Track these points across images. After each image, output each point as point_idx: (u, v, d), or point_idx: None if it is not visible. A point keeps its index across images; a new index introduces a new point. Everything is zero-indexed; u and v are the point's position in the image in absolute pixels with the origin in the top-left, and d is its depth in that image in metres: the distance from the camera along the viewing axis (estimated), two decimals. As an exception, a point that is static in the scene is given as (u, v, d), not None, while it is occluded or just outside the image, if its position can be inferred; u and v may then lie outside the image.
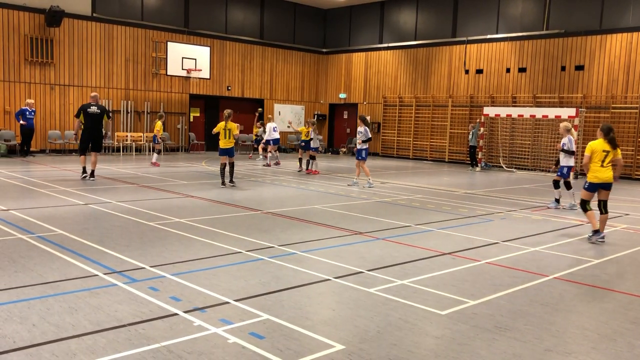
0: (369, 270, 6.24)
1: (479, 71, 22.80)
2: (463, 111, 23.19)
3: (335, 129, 28.84)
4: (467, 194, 13.42)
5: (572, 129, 11.81)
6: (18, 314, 4.59)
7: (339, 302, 5.26)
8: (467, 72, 23.18)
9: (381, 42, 26.27)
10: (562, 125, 11.78)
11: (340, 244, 7.61)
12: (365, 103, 26.85)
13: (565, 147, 11.37)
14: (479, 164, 20.93)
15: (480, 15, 22.90)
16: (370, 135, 14.04)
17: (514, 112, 20.50)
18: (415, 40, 24.99)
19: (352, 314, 4.90)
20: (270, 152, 19.31)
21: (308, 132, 17.27)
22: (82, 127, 13.12)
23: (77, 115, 13.18)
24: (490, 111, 21.10)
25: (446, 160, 23.56)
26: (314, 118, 28.56)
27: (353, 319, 4.79)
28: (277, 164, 19.33)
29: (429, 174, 18.65)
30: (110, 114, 13.55)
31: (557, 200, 11.55)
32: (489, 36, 22.51)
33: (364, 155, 13.97)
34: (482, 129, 21.06)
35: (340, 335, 4.38)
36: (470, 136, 20.73)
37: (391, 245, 7.62)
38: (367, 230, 8.51)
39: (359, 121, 14.27)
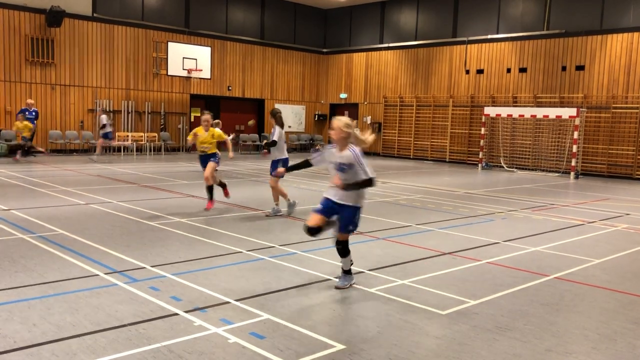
0: (369, 270, 6.24)
1: (480, 71, 22.78)
2: (464, 111, 23.18)
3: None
4: (467, 193, 13.42)
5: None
6: (19, 313, 4.59)
7: (339, 302, 5.26)
8: (467, 72, 23.17)
9: (382, 42, 26.26)
10: None
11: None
12: (365, 103, 26.85)
13: None
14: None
15: (481, 16, 22.89)
16: (274, 138, 9.41)
17: (515, 112, 20.49)
18: (415, 40, 24.99)
19: (353, 314, 4.91)
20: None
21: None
22: None
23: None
24: (491, 111, 21.10)
25: (447, 160, 23.56)
26: (315, 118, 28.56)
27: (353, 319, 4.80)
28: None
29: (430, 173, 18.65)
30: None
31: None
32: (489, 36, 22.50)
33: (276, 167, 9.24)
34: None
35: (341, 335, 4.38)
36: None
37: (392, 245, 7.62)
38: (368, 230, 8.51)
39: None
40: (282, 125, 9.72)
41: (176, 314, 4.69)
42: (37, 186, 12.03)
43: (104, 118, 18.71)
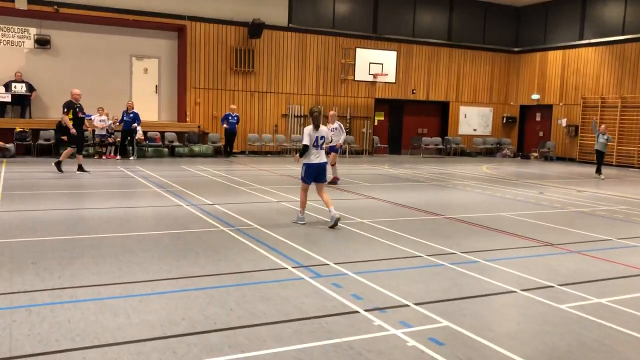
0: (560, 285, 5.78)
1: (703, 66, 19.80)
2: (681, 113, 20.34)
3: (527, 132, 27.21)
4: (683, 207, 11.74)
5: None
6: (219, 298, 5.10)
7: (525, 315, 4.96)
8: (687, 68, 20.28)
9: (581, 39, 24.15)
10: None
11: (528, 255, 7.17)
12: (561, 104, 24.93)
13: None
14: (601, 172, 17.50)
15: None
16: (304, 142, 8.43)
17: None
18: (622, 34, 22.54)
19: (540, 330, 4.59)
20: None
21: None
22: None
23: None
24: None
25: (657, 168, 20.88)
26: (504, 120, 27.20)
27: (540, 334, 4.48)
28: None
29: (636, 183, 16.68)
30: (66, 110, 13.64)
31: None
32: None
33: (303, 175, 8.63)
34: (605, 134, 17.47)
35: (526, 351, 4.13)
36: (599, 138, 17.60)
37: (587, 260, 6.98)
38: (560, 242, 7.89)
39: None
40: (317, 127, 8.42)
41: (357, 312, 4.81)
42: (236, 184, 13.22)
43: None
